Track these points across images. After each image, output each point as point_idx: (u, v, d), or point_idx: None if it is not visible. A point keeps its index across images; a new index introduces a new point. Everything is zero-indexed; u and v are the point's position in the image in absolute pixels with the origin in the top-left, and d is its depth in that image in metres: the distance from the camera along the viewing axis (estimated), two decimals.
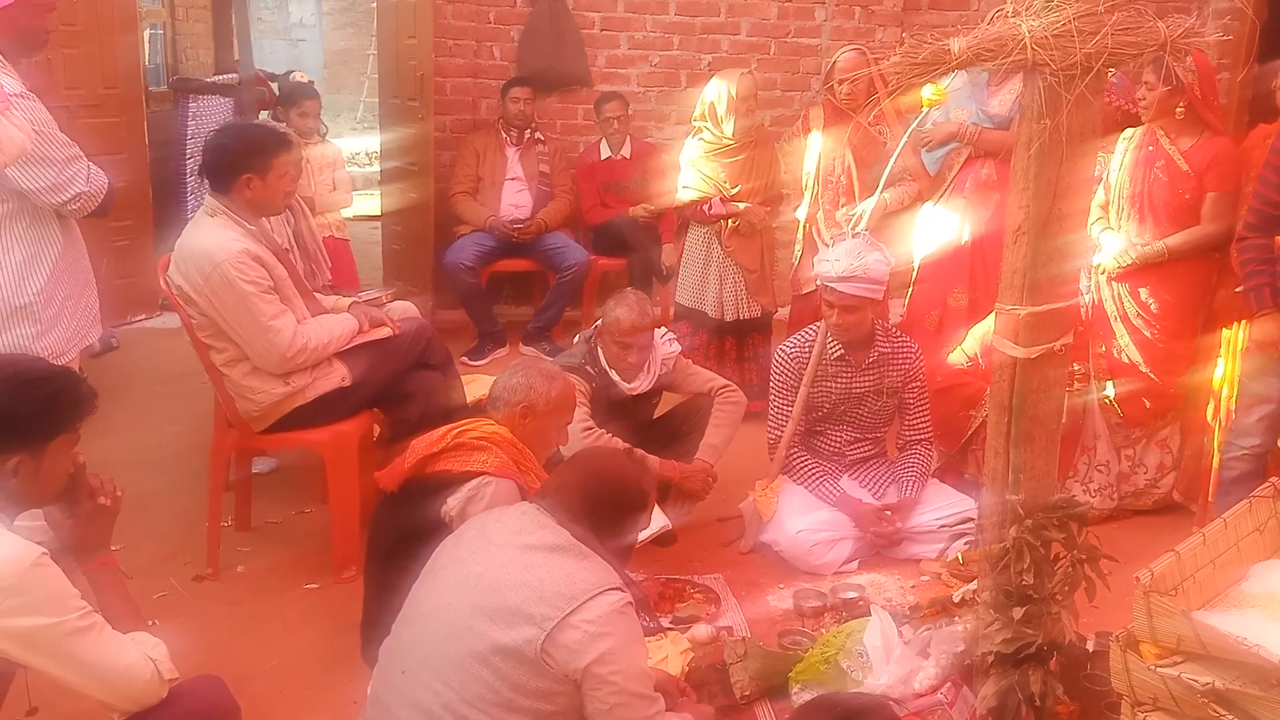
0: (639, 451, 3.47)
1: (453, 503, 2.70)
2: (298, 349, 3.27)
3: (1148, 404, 3.92)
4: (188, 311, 3.31)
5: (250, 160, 3.30)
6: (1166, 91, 3.66)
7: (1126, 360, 3.89)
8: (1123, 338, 3.90)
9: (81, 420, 2.07)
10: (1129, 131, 3.93)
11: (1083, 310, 3.87)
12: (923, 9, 6.39)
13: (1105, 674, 2.35)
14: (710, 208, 4.73)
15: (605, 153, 5.88)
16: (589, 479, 2.34)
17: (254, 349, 3.26)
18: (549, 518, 2.25)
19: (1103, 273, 3.90)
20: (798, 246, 4.77)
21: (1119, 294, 3.90)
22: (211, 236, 3.25)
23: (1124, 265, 3.84)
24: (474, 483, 2.71)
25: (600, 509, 2.29)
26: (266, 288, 3.25)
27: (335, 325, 3.42)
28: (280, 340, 3.24)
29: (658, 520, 3.49)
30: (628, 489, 2.38)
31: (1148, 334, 3.87)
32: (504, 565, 2.18)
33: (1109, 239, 3.91)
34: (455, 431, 2.83)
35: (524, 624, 2.09)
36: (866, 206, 4.27)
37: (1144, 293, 3.86)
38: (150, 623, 2.25)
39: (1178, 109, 3.71)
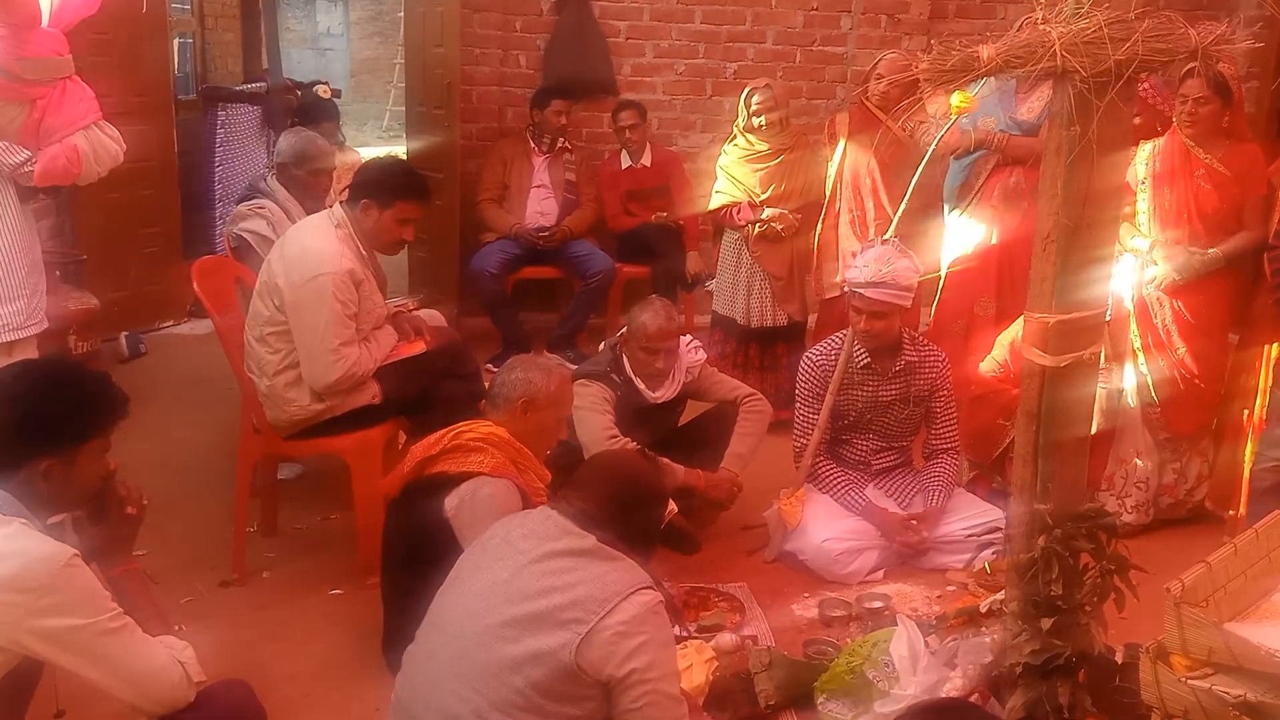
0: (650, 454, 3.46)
1: (450, 504, 2.72)
2: (346, 377, 3.31)
3: (1194, 412, 3.88)
4: (262, 304, 3.34)
5: (376, 190, 3.36)
6: (1221, 102, 3.63)
7: (1177, 375, 3.83)
8: (1176, 350, 3.84)
9: (113, 425, 2.09)
10: (1145, 145, 3.86)
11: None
12: (949, 17, 6.36)
13: (1135, 686, 2.32)
14: (738, 213, 4.73)
15: (626, 162, 5.87)
16: (607, 481, 2.35)
17: (310, 361, 3.29)
18: (571, 523, 2.25)
19: (1158, 286, 3.81)
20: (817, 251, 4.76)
21: (1178, 307, 3.82)
22: (327, 245, 3.30)
23: (1187, 277, 3.76)
24: (470, 483, 2.73)
25: (620, 510, 2.29)
26: (351, 313, 3.31)
27: (377, 348, 3.45)
28: (339, 366, 3.28)
29: None
30: (646, 488, 2.41)
31: (1195, 342, 3.82)
32: (532, 572, 2.19)
33: (1162, 252, 3.82)
34: (453, 434, 2.85)
35: (557, 629, 2.10)
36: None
37: (1189, 301, 3.80)
38: (176, 627, 2.27)
39: (1225, 119, 3.68)
